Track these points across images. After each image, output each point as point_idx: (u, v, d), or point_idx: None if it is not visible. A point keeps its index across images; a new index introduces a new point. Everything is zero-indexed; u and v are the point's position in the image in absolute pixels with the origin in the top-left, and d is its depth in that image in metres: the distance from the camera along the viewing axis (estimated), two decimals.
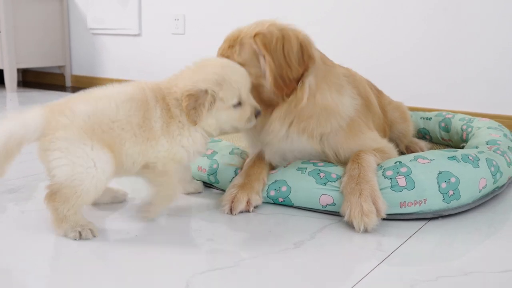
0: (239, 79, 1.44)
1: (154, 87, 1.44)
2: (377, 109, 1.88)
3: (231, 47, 1.55)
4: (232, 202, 1.51)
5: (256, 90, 1.53)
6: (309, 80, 1.52)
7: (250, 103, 1.48)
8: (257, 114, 1.49)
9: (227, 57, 1.54)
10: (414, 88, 2.99)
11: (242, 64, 1.50)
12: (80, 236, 1.30)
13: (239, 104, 1.45)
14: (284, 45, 1.49)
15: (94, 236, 1.32)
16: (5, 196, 1.64)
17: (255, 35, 1.50)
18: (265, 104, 1.55)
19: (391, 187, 1.46)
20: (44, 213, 1.48)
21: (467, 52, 2.83)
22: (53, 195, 1.30)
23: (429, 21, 2.92)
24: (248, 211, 1.52)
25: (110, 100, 1.36)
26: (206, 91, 1.38)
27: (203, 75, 1.42)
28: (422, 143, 2.21)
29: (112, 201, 1.58)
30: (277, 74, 1.48)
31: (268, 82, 1.50)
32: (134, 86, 1.44)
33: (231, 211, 1.50)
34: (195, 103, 1.37)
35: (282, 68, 1.48)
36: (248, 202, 1.52)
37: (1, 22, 4.10)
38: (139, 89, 1.42)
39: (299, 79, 1.51)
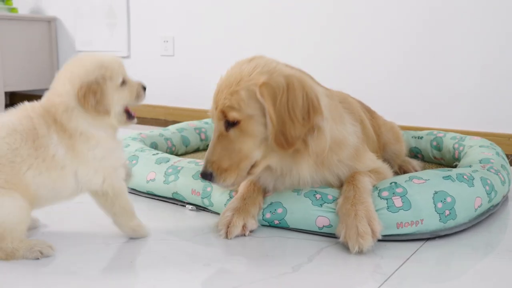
0: (114, 61, 1.41)
1: (41, 111, 1.37)
2: (371, 132, 1.88)
3: (235, 93, 1.41)
4: (228, 226, 1.49)
5: (265, 140, 1.44)
6: (324, 126, 1.43)
7: (134, 81, 1.47)
8: (144, 88, 1.49)
9: (230, 106, 1.40)
10: (402, 107, 3.01)
11: (249, 116, 1.40)
12: (42, 255, 1.33)
13: (124, 83, 1.42)
14: (289, 98, 1.37)
15: (53, 251, 1.36)
16: None
17: (262, 85, 1.38)
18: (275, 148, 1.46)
19: (387, 207, 1.45)
20: None
21: (455, 71, 2.86)
22: None
23: (416, 40, 2.94)
24: (244, 235, 1.50)
25: None
26: (95, 79, 1.35)
27: (81, 70, 1.37)
28: (415, 162, 2.22)
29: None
30: (279, 131, 1.37)
31: (268, 135, 1.40)
32: (19, 113, 1.38)
33: (226, 235, 1.48)
34: (95, 95, 1.34)
35: (285, 124, 1.36)
36: (244, 227, 1.50)
37: None
38: (24, 118, 1.36)
39: (302, 136, 1.41)
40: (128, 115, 1.45)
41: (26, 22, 4.35)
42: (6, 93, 4.73)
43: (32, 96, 4.81)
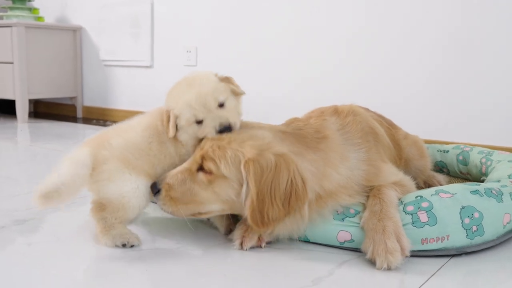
0: (193, 102, 1.45)
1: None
2: (386, 140, 1.81)
3: (222, 149, 1.39)
4: (243, 237, 1.46)
5: (232, 203, 1.42)
6: (304, 212, 1.40)
7: (214, 117, 1.46)
8: (224, 129, 1.45)
9: (212, 158, 1.39)
10: (430, 122, 2.95)
11: (223, 176, 1.38)
12: (128, 243, 1.44)
13: (200, 121, 1.46)
14: (273, 179, 1.33)
15: (139, 244, 1.46)
16: (12, 227, 1.59)
17: (249, 160, 1.35)
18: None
19: (412, 223, 1.40)
20: (51, 245, 1.44)
21: (484, 85, 2.79)
22: (101, 206, 1.45)
23: (443, 55, 2.89)
24: (260, 246, 1.47)
25: (134, 130, 1.52)
26: (167, 111, 1.49)
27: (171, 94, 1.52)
28: (440, 177, 2.16)
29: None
30: (256, 209, 1.34)
31: (246, 209, 1.36)
32: (152, 113, 1.58)
33: (241, 246, 1.45)
34: (167, 121, 1.49)
35: (264, 204, 1.33)
36: (260, 238, 1.46)
37: (14, 53, 4.14)
38: (154, 116, 1.55)
39: (280, 220, 1.37)
40: None
41: (52, 30, 4.40)
42: (30, 100, 4.79)
43: (56, 104, 4.88)
